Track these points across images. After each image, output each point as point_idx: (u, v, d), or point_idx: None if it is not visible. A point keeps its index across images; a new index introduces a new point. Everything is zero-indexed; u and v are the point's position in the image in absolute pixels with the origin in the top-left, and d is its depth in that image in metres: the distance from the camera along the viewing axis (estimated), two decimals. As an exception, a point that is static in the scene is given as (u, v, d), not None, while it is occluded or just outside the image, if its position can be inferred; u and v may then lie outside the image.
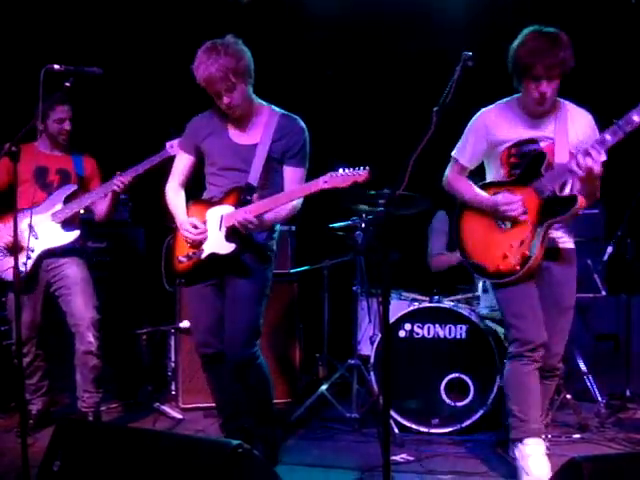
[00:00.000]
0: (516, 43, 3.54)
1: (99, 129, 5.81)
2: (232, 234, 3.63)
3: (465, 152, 3.80)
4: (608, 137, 3.32)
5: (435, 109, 3.13)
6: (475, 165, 3.85)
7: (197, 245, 3.72)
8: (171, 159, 4.14)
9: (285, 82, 5.80)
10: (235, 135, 3.75)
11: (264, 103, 3.78)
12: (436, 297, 4.86)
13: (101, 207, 4.57)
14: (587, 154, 3.33)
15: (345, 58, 6.19)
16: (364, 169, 3.37)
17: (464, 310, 4.71)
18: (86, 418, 4.48)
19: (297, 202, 3.72)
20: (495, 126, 3.70)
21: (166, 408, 5.05)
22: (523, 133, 3.64)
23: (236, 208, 3.62)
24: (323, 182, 3.44)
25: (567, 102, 3.65)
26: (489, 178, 3.83)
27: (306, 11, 6.04)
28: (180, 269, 3.80)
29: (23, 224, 4.11)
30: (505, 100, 3.75)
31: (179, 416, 4.95)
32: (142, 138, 5.30)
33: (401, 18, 5.96)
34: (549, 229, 3.58)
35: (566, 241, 3.71)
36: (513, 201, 3.60)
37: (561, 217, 3.53)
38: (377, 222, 3.04)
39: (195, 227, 3.69)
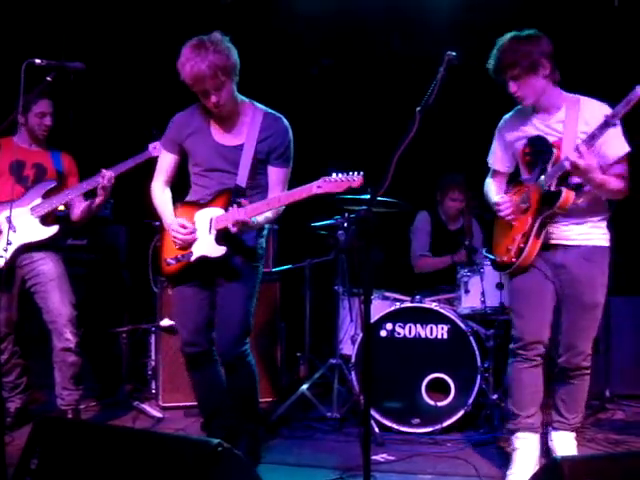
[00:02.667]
0: None
1: (81, 127, 5.77)
2: (222, 237, 3.59)
3: (491, 156, 3.94)
4: (597, 132, 3.36)
5: (418, 109, 3.13)
6: (508, 168, 3.91)
7: (186, 247, 3.68)
8: (154, 159, 4.12)
9: (269, 81, 5.78)
10: (219, 135, 3.70)
11: (246, 100, 3.72)
12: (418, 297, 4.86)
13: (77, 209, 4.53)
14: (576, 149, 3.38)
15: (330, 57, 6.18)
16: (358, 174, 3.33)
17: (445, 310, 4.72)
18: (65, 416, 4.44)
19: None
20: (507, 127, 3.82)
21: (146, 407, 5.03)
22: (530, 131, 3.69)
23: (226, 211, 3.58)
24: (317, 187, 3.39)
25: (580, 96, 3.66)
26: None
27: (290, 10, 6.02)
28: (168, 271, 3.76)
29: (1, 217, 4.07)
30: (520, 106, 3.80)
31: (159, 415, 4.92)
32: (124, 137, 5.28)
33: (386, 17, 5.96)
34: (545, 224, 3.61)
35: (591, 238, 3.66)
36: (505, 202, 3.72)
37: (549, 212, 3.56)
38: (359, 221, 3.02)
39: (184, 227, 3.65)
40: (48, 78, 3.57)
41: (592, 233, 3.67)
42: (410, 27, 5.99)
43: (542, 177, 3.60)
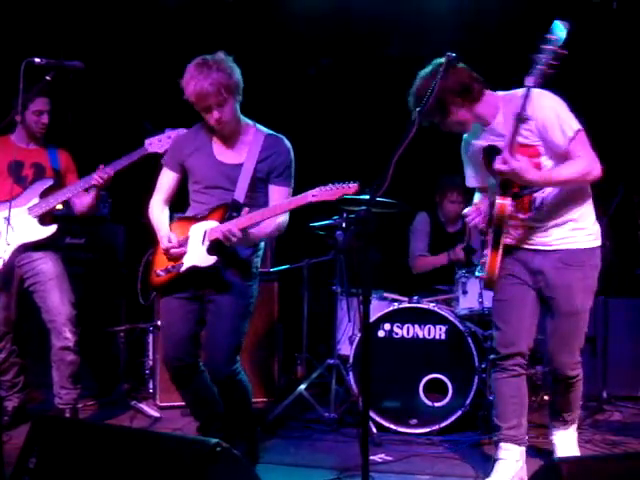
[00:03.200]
0: None
1: (79, 126, 5.77)
2: (214, 248, 3.59)
3: (466, 177, 3.84)
4: (512, 132, 3.27)
5: (418, 110, 3.14)
6: (482, 183, 3.74)
7: (176, 259, 3.68)
8: (150, 156, 4.13)
9: (269, 80, 5.79)
10: (220, 153, 3.72)
11: (250, 122, 3.76)
12: (415, 297, 4.87)
13: (81, 201, 4.51)
14: (501, 157, 3.30)
15: (329, 57, 6.18)
16: (354, 183, 3.34)
17: (443, 311, 4.73)
18: (63, 415, 4.44)
19: (283, 219, 3.69)
20: (465, 145, 3.74)
21: (143, 406, 5.03)
22: (482, 143, 3.57)
23: (221, 223, 3.58)
24: (312, 196, 3.41)
25: (512, 92, 3.50)
26: None
27: (292, 9, 6.03)
28: (157, 282, 3.76)
29: (0, 217, 4.07)
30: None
31: (156, 414, 4.92)
32: (123, 135, 5.27)
33: (385, 19, 5.97)
34: (499, 235, 3.45)
35: (571, 241, 3.52)
36: (471, 211, 3.63)
37: (495, 224, 3.43)
38: (359, 221, 3.02)
39: (170, 241, 3.66)
40: (47, 77, 3.57)
41: (574, 236, 3.52)
42: (410, 28, 5.99)
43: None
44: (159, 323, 5.07)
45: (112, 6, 5.79)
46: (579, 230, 3.54)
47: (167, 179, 3.83)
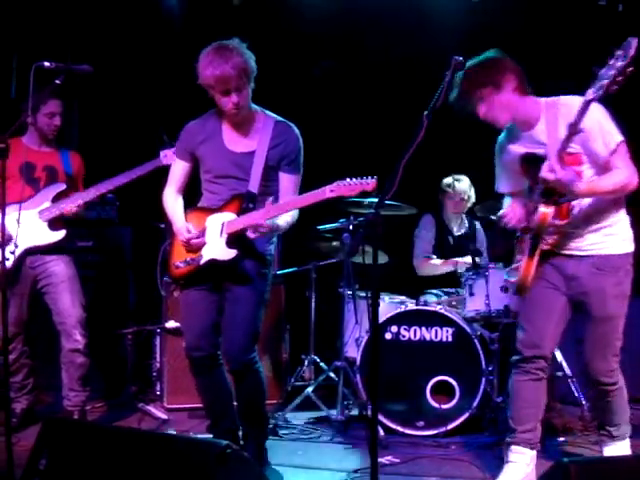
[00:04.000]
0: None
1: (88, 130, 5.78)
2: (234, 241, 3.60)
3: (497, 181, 3.83)
4: (564, 144, 3.26)
5: (425, 113, 3.15)
6: (517, 187, 3.72)
7: (195, 250, 3.70)
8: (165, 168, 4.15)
9: (276, 81, 5.80)
10: (230, 142, 3.72)
11: (258, 108, 3.76)
12: (422, 300, 4.88)
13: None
14: (547, 164, 3.29)
15: (332, 59, 6.19)
16: (372, 178, 3.35)
17: (450, 313, 4.74)
18: (71, 417, 4.46)
19: (296, 211, 3.72)
20: (501, 150, 3.73)
21: (151, 408, 5.04)
22: (520, 149, 3.58)
23: (238, 215, 3.60)
24: (330, 191, 3.41)
25: (559, 98, 3.51)
26: None
27: (299, 12, 6.05)
28: (177, 274, 3.77)
29: (10, 218, 4.08)
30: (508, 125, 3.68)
31: (164, 416, 4.94)
32: (132, 140, 5.31)
33: (390, 20, 5.98)
34: (537, 242, 3.48)
35: (604, 247, 3.52)
36: (507, 212, 3.62)
37: (533, 231, 3.46)
38: (368, 224, 3.02)
39: (189, 232, 3.68)
40: (57, 81, 3.59)
41: (607, 241, 3.51)
42: (415, 30, 6.00)
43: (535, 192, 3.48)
44: (167, 325, 5.10)
45: (119, 10, 5.80)
46: (613, 235, 3.53)
47: (179, 169, 3.85)
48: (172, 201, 3.84)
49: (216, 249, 3.64)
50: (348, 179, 3.39)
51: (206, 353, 3.79)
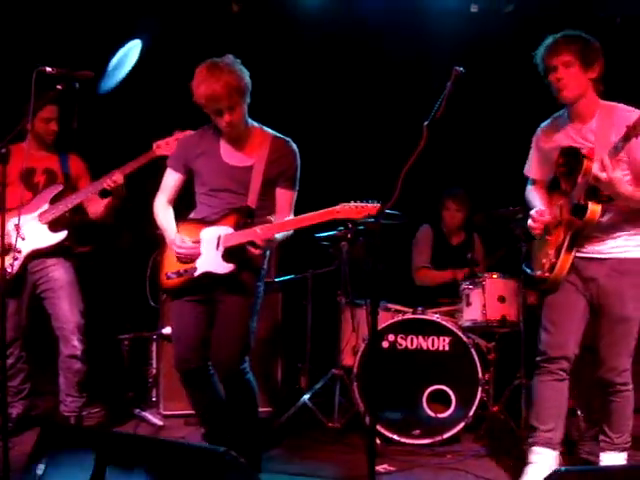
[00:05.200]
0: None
1: (88, 129, 5.78)
2: (231, 254, 3.59)
3: (528, 165, 3.90)
4: (619, 144, 3.32)
5: (426, 123, 3.16)
6: (546, 176, 3.82)
7: (188, 262, 3.68)
8: (158, 159, 4.18)
9: (276, 92, 5.82)
10: (228, 156, 3.73)
11: (255, 124, 3.77)
12: (420, 309, 4.89)
13: (95, 208, 4.55)
14: (600, 162, 3.33)
15: (335, 69, 6.20)
16: (377, 203, 3.36)
17: (447, 322, 4.75)
18: (68, 422, 4.45)
19: None
20: (543, 136, 3.78)
21: (147, 414, 5.03)
22: (564, 141, 3.65)
23: (235, 230, 3.59)
24: (336, 212, 3.44)
25: (617, 105, 3.60)
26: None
27: (294, 20, 6.07)
28: (167, 285, 3.75)
29: (10, 225, 4.09)
30: (560, 111, 3.76)
31: (160, 423, 4.93)
32: (130, 138, 5.30)
33: (390, 31, 6.00)
34: (576, 238, 3.55)
35: (624, 250, 3.59)
36: (539, 217, 3.67)
37: (577, 227, 3.51)
38: (370, 234, 3.05)
39: (184, 243, 3.66)
40: (59, 86, 3.60)
41: (627, 245, 3.59)
42: (417, 42, 6.02)
43: (574, 190, 3.54)
44: (163, 332, 5.09)
45: (118, 16, 5.82)
46: (633, 240, 3.61)
47: (171, 180, 3.84)
48: (163, 211, 3.83)
49: (212, 262, 3.62)
50: (353, 202, 3.41)
51: (196, 366, 3.76)
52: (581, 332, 3.69)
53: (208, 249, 3.64)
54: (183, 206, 3.91)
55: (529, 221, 3.72)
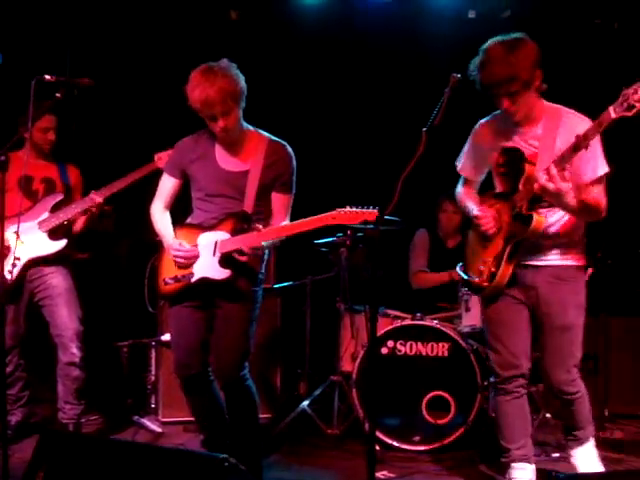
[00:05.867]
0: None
1: (89, 139, 5.79)
2: (227, 260, 3.58)
3: (461, 161, 3.77)
4: (567, 154, 3.20)
5: (424, 130, 3.17)
6: (477, 175, 3.75)
7: (186, 267, 3.67)
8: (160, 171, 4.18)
9: (274, 98, 5.83)
10: (224, 161, 3.70)
11: (251, 127, 3.75)
12: (418, 315, 4.88)
13: (77, 224, 4.57)
14: (546, 171, 3.23)
15: (333, 75, 6.21)
16: (373, 209, 3.32)
17: (446, 328, 4.74)
18: (66, 429, 4.44)
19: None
20: (483, 133, 3.65)
21: (146, 421, 5.02)
22: (505, 142, 3.52)
23: (232, 235, 3.58)
24: (332, 218, 3.41)
25: (564, 109, 3.48)
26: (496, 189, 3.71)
27: (292, 28, 6.08)
28: (166, 290, 3.74)
29: (9, 232, 4.09)
30: (499, 111, 3.55)
31: (159, 430, 4.92)
32: (131, 149, 5.31)
33: (390, 36, 6.02)
34: (517, 248, 3.45)
35: (562, 258, 3.53)
36: (486, 216, 3.56)
37: (519, 237, 3.43)
38: (369, 240, 3.06)
39: (181, 247, 3.65)
40: (58, 95, 3.60)
41: (566, 253, 3.53)
42: (416, 48, 6.04)
43: (515, 196, 3.43)
44: (162, 338, 5.09)
45: (119, 22, 5.83)
46: (571, 248, 3.55)
47: (168, 185, 3.82)
48: (160, 216, 3.81)
49: (209, 267, 3.61)
50: (349, 207, 3.38)
51: (195, 371, 3.76)
52: (529, 344, 3.61)
53: (205, 255, 3.63)
54: (180, 211, 3.91)
55: (481, 222, 3.54)
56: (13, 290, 4.33)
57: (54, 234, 4.44)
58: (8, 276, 4.20)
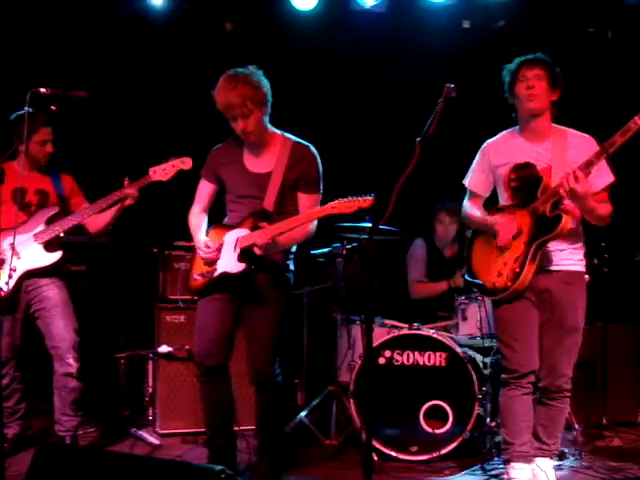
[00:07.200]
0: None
1: (84, 151, 5.79)
2: (244, 255, 3.74)
3: (472, 179, 4.01)
4: (593, 159, 3.50)
5: (418, 140, 3.18)
6: (486, 191, 4.01)
7: (211, 264, 3.85)
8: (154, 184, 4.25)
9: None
10: (250, 164, 3.91)
11: (278, 131, 3.94)
12: (415, 324, 4.88)
13: (95, 224, 4.58)
14: (573, 175, 3.48)
15: (326, 86, 6.22)
16: (369, 196, 3.51)
17: (443, 338, 4.74)
18: (63, 442, 4.43)
19: (312, 226, 3.86)
20: (494, 151, 3.91)
21: (143, 433, 5.01)
22: (518, 157, 3.79)
23: (251, 232, 3.76)
24: (331, 207, 3.59)
25: (568, 129, 3.81)
26: (500, 203, 3.97)
27: (288, 39, 6.09)
28: (194, 286, 3.97)
29: (5, 244, 4.09)
30: (509, 129, 3.93)
31: (156, 442, 4.90)
32: (125, 161, 5.31)
33: (385, 46, 6.04)
34: (540, 248, 3.69)
35: (570, 263, 3.80)
36: (508, 221, 3.77)
37: (547, 236, 3.65)
38: (364, 250, 3.07)
39: (207, 247, 3.84)
40: (53, 107, 3.61)
41: (571, 259, 3.80)
42: (411, 58, 6.05)
43: (534, 203, 3.69)
44: (160, 350, 5.09)
45: (115, 34, 5.84)
46: (575, 254, 3.83)
47: (204, 189, 4.06)
48: (195, 219, 4.04)
49: (228, 262, 3.80)
50: (348, 197, 3.55)
51: (216, 362, 3.89)
52: (538, 344, 3.81)
53: (228, 251, 3.82)
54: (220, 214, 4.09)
55: (502, 228, 3.77)
56: (9, 302, 4.33)
57: (50, 246, 4.44)
58: (5, 288, 4.21)
